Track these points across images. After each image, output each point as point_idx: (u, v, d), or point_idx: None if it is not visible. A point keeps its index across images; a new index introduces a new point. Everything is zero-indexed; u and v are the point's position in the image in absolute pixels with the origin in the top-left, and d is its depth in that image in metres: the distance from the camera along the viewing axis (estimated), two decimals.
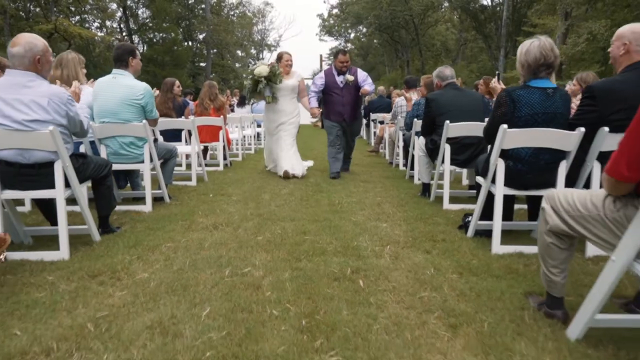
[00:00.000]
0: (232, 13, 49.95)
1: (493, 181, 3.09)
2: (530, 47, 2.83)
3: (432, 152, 4.71)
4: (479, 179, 3.42)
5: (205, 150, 7.83)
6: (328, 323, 2.01)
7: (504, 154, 2.98)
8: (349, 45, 49.91)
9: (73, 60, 4.17)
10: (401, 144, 7.08)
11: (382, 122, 10.07)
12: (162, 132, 6.33)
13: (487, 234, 3.23)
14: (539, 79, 2.88)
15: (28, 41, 2.78)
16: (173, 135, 6.81)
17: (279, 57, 6.51)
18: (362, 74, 6.43)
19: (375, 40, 47.99)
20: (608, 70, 19.30)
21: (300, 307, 2.18)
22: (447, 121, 4.22)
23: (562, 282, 2.03)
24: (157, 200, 4.60)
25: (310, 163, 7.39)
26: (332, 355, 1.77)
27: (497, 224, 3.01)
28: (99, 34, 35.11)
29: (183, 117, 7.20)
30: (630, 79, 2.73)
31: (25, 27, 25.84)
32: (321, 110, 6.65)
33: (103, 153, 4.15)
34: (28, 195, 2.98)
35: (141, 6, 41.78)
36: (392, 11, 41.15)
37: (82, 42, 26.91)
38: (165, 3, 39.51)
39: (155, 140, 4.79)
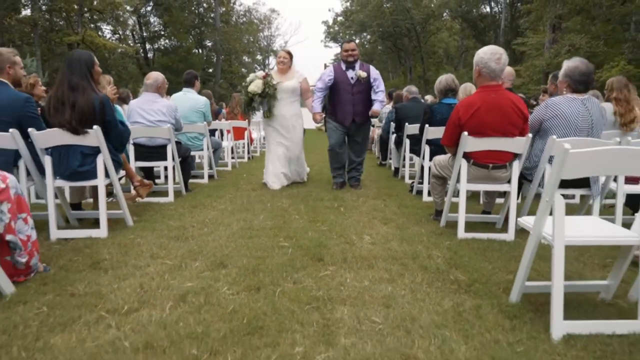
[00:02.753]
0: (240, 21, 52.08)
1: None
2: (442, 79, 4.94)
3: (398, 144, 6.83)
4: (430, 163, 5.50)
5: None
6: (324, 220, 4.11)
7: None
8: None
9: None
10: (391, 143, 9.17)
11: (372, 125, 12.18)
12: None
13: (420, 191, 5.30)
14: (447, 98, 4.97)
15: (155, 77, 4.92)
16: (210, 133, 8.95)
17: (277, 55, 6.22)
18: (374, 72, 5.77)
19: (379, 47, 49.92)
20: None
21: (309, 216, 4.28)
22: (407, 123, 6.32)
23: (439, 201, 4.11)
24: (210, 177, 6.73)
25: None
26: (325, 226, 3.87)
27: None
28: (112, 40, 37.15)
29: (217, 120, 9.32)
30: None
31: (55, 39, 28.24)
32: (323, 115, 6.08)
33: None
34: (152, 164, 5.11)
35: (153, 15, 44.14)
36: (395, 20, 42.77)
37: (105, 51, 29.18)
38: (179, 12, 41.86)
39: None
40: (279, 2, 75.21)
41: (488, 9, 43.20)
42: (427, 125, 4.98)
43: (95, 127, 3.47)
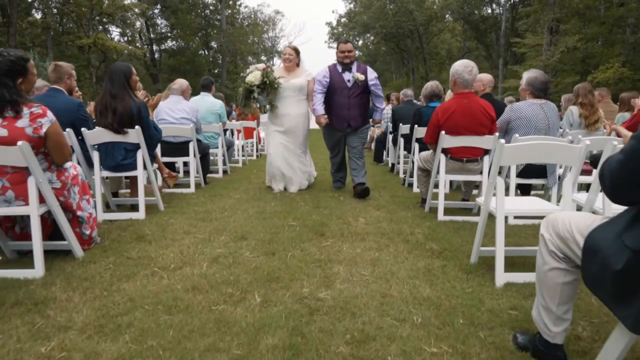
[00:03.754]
0: (244, 23, 52.91)
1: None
2: (428, 86, 5.64)
3: (394, 143, 7.54)
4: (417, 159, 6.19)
5: None
6: (325, 206, 4.80)
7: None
8: (357, 52, 52.43)
9: None
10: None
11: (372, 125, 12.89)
12: None
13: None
14: (433, 102, 5.66)
15: (180, 83, 5.64)
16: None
17: (283, 52, 5.82)
18: (372, 74, 5.48)
19: (382, 48, 50.59)
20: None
21: (314, 203, 4.98)
22: (401, 124, 7.02)
23: (424, 190, 4.79)
24: (224, 172, 7.44)
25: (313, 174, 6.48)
26: (326, 211, 4.57)
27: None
28: (121, 42, 38.01)
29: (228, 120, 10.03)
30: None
31: (67, 41, 29.13)
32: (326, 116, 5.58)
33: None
34: (176, 159, 5.83)
35: (160, 17, 45.04)
36: (398, 21, 43.24)
37: (115, 53, 30.04)
38: (185, 15, 42.69)
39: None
40: (283, 3, 76.01)
41: (489, 11, 43.68)
42: (416, 126, 5.67)
43: (137, 127, 4.18)
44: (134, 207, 4.56)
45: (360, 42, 53.70)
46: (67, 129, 4.09)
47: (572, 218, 1.73)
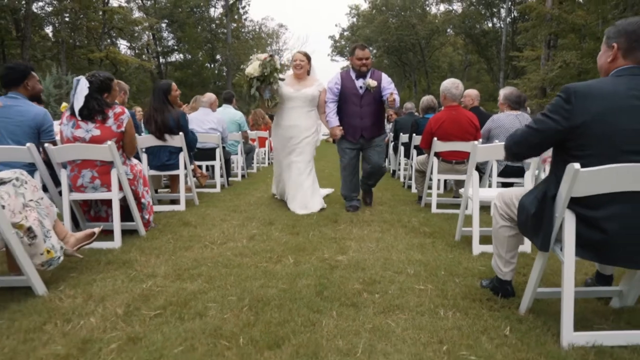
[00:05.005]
0: (249, 37, 54.08)
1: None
2: (424, 100, 6.49)
3: (395, 150, 8.37)
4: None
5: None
6: (337, 201, 5.61)
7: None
8: None
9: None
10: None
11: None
12: None
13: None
14: (428, 114, 6.49)
15: (209, 97, 6.50)
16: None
17: (293, 58, 5.36)
18: (386, 80, 5.06)
19: (385, 61, 51.51)
20: None
21: (326, 199, 5.79)
22: (401, 133, 7.85)
23: (420, 189, 5.61)
24: (242, 177, 8.28)
25: (328, 191, 6.38)
26: (337, 205, 5.38)
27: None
28: (131, 55, 39.00)
29: None
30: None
31: (80, 55, 30.19)
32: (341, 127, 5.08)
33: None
34: (204, 163, 6.67)
35: (167, 31, 46.19)
36: (400, 35, 44.02)
37: (126, 66, 31.08)
38: (192, 29, 43.83)
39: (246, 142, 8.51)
40: (287, 16, 77.57)
41: (490, 25, 44.50)
42: (414, 135, 6.51)
43: (180, 133, 5.03)
44: (173, 202, 5.39)
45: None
46: None
47: (513, 191, 2.56)
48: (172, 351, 2.00)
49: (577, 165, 1.95)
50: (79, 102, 3.48)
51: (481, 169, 5.30)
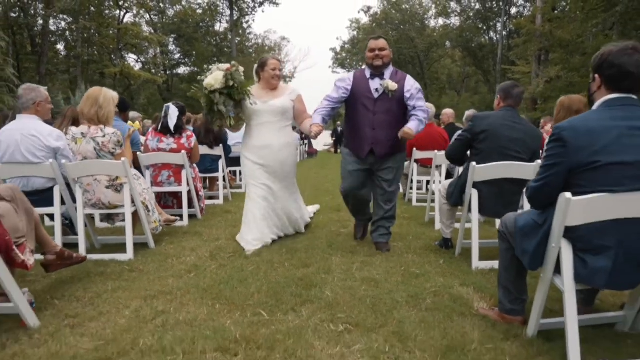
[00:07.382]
0: (251, 51, 55.64)
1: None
2: None
3: None
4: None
5: None
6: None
7: None
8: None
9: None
10: None
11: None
12: None
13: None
14: None
15: None
16: None
17: (262, 64, 4.32)
18: (410, 84, 3.97)
19: None
20: None
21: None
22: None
23: (404, 187, 7.15)
24: None
25: (314, 208, 5.99)
26: (339, 199, 6.93)
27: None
28: (141, 69, 40.65)
29: None
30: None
31: (96, 70, 32.00)
32: (322, 127, 3.95)
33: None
34: (231, 169, 8.24)
35: (174, 45, 47.85)
36: (399, 48, 45.14)
37: (139, 80, 32.87)
38: (199, 43, 45.57)
39: None
40: (289, 29, 79.72)
41: (487, 38, 45.71)
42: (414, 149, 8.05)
43: (220, 145, 6.61)
44: (211, 198, 6.94)
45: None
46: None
47: (449, 181, 4.12)
48: (247, 269, 3.55)
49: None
50: (172, 121, 5.10)
51: (451, 171, 6.88)
